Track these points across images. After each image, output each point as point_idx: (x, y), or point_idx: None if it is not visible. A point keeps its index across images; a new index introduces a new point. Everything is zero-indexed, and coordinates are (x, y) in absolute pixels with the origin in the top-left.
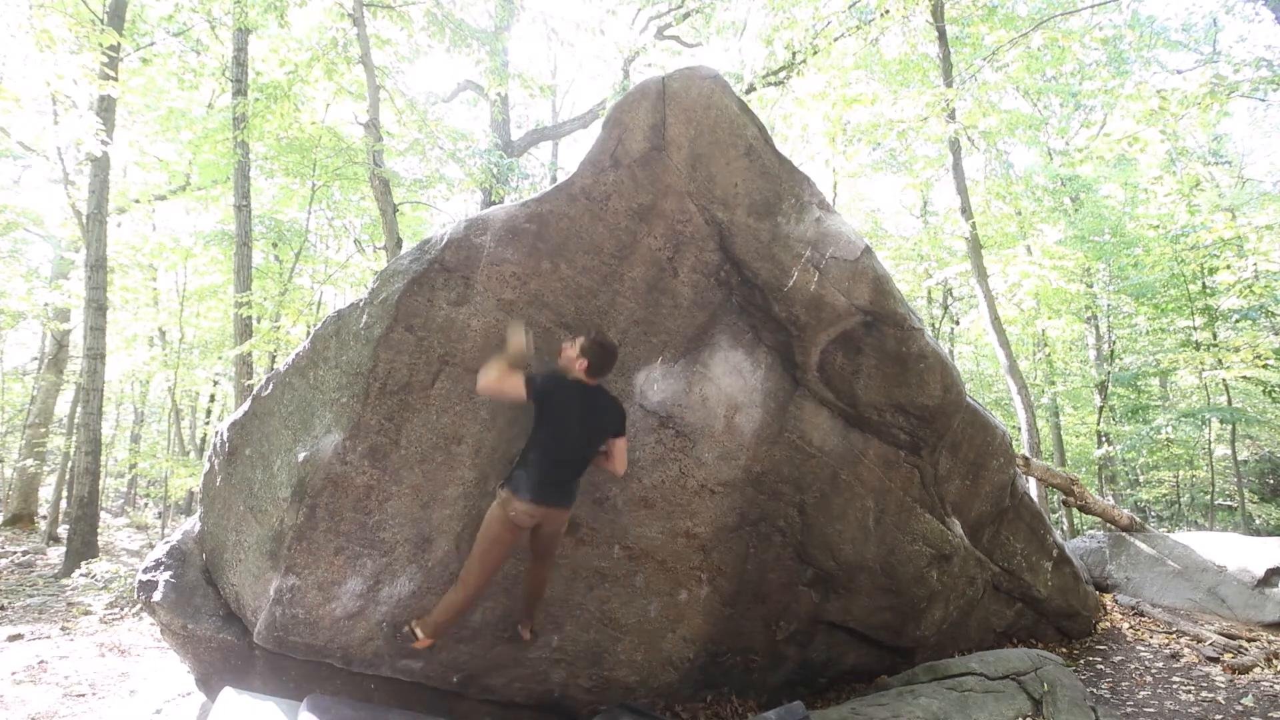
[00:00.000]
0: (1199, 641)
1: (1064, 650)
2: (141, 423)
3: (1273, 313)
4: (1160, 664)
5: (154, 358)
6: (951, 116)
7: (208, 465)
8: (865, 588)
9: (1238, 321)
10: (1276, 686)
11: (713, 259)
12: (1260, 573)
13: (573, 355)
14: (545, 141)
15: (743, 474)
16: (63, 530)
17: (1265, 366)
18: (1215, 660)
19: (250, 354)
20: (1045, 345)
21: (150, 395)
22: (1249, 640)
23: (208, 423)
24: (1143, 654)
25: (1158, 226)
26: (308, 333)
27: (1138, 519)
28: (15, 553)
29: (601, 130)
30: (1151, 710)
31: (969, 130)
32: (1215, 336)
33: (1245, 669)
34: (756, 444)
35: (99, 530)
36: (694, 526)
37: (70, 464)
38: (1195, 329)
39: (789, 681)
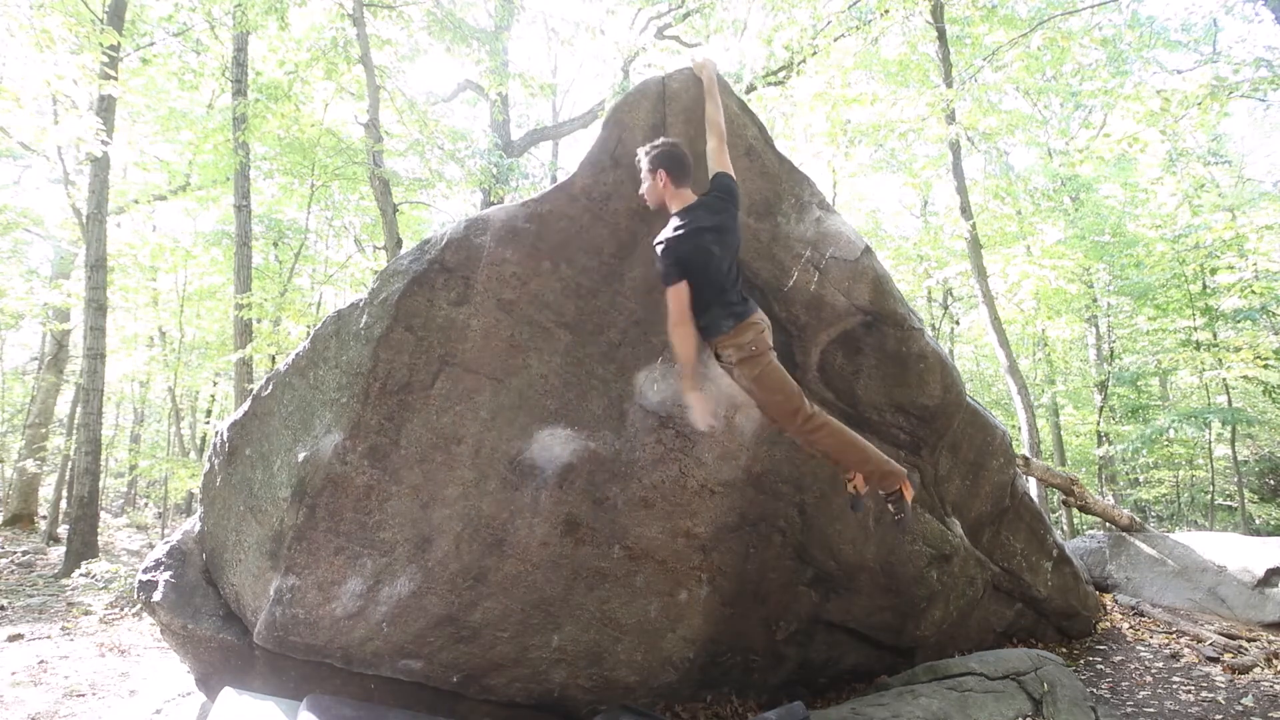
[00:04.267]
0: (1199, 641)
1: (1064, 650)
2: (141, 423)
3: (1273, 313)
4: (1160, 664)
5: (154, 358)
6: (951, 118)
7: (208, 465)
8: (865, 588)
9: (1238, 322)
10: (1276, 686)
11: None
12: (1260, 573)
13: (656, 184)
14: (545, 141)
15: (743, 474)
16: (63, 530)
17: (1265, 366)
18: (1215, 660)
19: (250, 357)
20: (1045, 345)
21: (150, 395)
22: (1249, 640)
23: (208, 423)
24: (1143, 654)
25: (1160, 226)
26: (307, 333)
27: (1138, 519)
28: (15, 553)
29: (601, 130)
30: (1151, 710)
31: (969, 131)
32: (1215, 336)
33: (1245, 669)
34: (756, 444)
35: (99, 530)
36: (694, 526)
37: (70, 464)
38: (1195, 329)
39: (789, 681)
